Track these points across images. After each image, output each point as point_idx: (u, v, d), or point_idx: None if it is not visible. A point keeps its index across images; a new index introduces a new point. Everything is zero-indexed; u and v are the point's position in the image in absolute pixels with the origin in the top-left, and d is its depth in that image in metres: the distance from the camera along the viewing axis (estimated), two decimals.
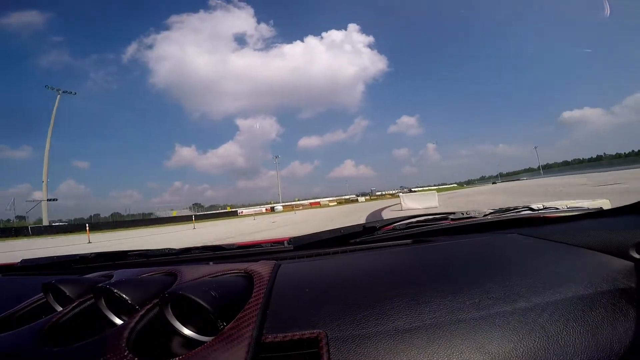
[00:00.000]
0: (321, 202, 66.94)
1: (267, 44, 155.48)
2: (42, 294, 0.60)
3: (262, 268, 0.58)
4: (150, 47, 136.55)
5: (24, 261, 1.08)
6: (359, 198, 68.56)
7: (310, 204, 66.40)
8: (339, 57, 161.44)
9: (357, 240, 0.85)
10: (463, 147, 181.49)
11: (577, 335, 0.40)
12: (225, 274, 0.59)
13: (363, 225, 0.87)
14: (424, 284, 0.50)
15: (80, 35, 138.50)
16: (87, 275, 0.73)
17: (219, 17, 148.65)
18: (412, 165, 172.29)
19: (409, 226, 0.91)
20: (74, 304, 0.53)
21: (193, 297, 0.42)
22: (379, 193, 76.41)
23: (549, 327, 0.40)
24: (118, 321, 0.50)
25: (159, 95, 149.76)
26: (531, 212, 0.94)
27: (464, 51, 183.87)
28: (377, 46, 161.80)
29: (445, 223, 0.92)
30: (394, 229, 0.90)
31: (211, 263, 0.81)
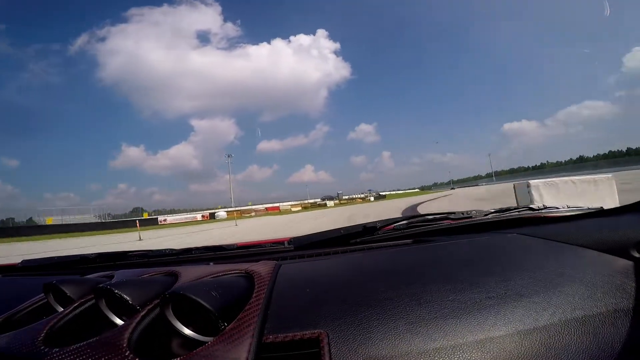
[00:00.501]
0: (281, 207, 52.35)
1: (232, 44, 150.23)
2: (43, 294, 0.60)
3: (262, 268, 0.58)
4: (103, 39, 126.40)
5: (24, 262, 1.08)
6: (327, 202, 57.68)
7: (267, 209, 52.10)
8: (305, 62, 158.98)
9: (358, 240, 0.85)
10: (415, 155, 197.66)
11: (578, 334, 0.40)
12: (226, 274, 0.59)
13: (363, 225, 0.87)
14: (424, 283, 0.50)
15: (21, 22, 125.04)
16: (88, 276, 0.73)
17: (183, 12, 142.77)
18: (369, 171, 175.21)
19: (409, 226, 0.91)
20: (75, 305, 0.53)
21: (194, 297, 0.42)
22: (347, 197, 67.85)
23: (551, 326, 0.40)
24: (119, 321, 0.50)
25: (106, 90, 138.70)
26: (531, 211, 0.94)
27: (421, 67, 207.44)
28: (343, 53, 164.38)
29: (445, 223, 0.92)
30: (394, 229, 0.90)
31: (212, 263, 0.81)
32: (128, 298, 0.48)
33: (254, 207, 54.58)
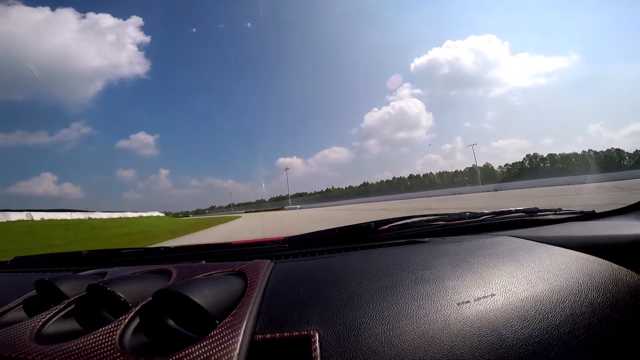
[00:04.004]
0: None
1: None
2: (35, 291, 0.59)
3: (256, 267, 0.58)
4: None
5: (16, 259, 1.07)
6: None
7: None
8: (89, 43, 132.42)
9: (352, 240, 0.86)
10: (194, 177, 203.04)
11: (565, 335, 0.40)
12: (219, 273, 0.59)
13: (358, 225, 0.88)
14: (416, 284, 0.51)
15: None
16: (80, 273, 0.72)
17: None
18: (138, 190, 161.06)
19: (404, 226, 0.91)
20: (68, 302, 0.53)
21: (186, 295, 0.42)
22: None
23: (539, 326, 0.41)
24: (112, 319, 0.50)
25: None
26: (524, 214, 0.95)
27: (221, 96, 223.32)
28: (149, 49, 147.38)
29: (439, 224, 0.93)
30: (389, 229, 0.91)
31: (205, 262, 0.81)
32: (121, 295, 0.48)
33: None
